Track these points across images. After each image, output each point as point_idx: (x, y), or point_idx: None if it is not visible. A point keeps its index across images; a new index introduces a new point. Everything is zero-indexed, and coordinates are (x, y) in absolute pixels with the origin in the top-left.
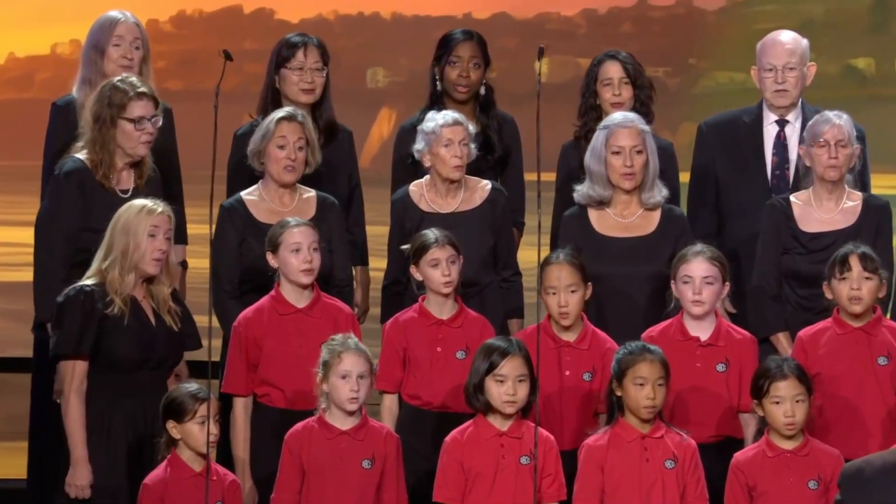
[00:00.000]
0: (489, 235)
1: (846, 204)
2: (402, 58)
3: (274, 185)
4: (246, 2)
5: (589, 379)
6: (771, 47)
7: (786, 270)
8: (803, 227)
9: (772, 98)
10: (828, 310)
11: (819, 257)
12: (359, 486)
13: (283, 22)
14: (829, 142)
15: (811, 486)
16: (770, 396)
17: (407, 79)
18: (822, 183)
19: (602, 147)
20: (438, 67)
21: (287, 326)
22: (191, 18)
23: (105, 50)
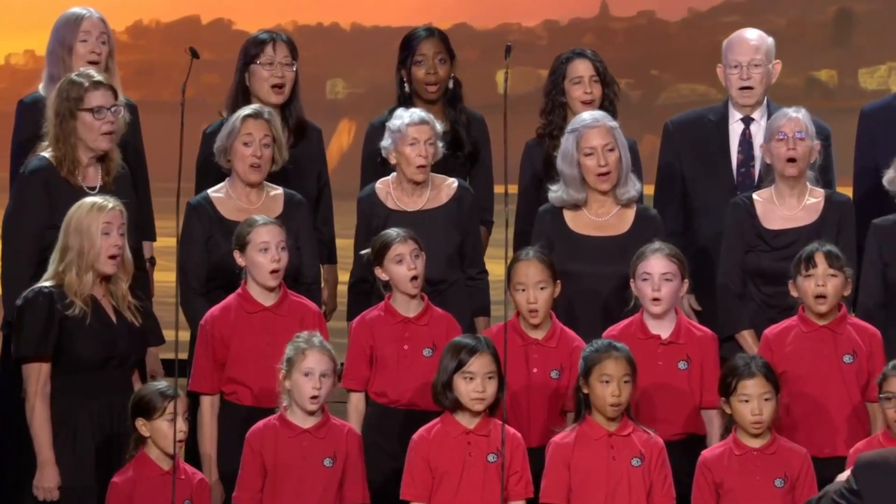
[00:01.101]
0: (456, 233)
1: (808, 201)
2: (361, 69)
3: (241, 182)
4: (203, 12)
5: (556, 376)
6: (737, 44)
7: (750, 268)
8: (766, 224)
9: (737, 96)
10: (792, 307)
11: (783, 254)
12: (321, 485)
13: (240, 32)
14: (787, 134)
15: (777, 485)
16: (738, 394)
17: (367, 90)
18: (784, 180)
19: (573, 149)
20: (405, 70)
21: (254, 325)
22: (148, 28)
23: (72, 46)
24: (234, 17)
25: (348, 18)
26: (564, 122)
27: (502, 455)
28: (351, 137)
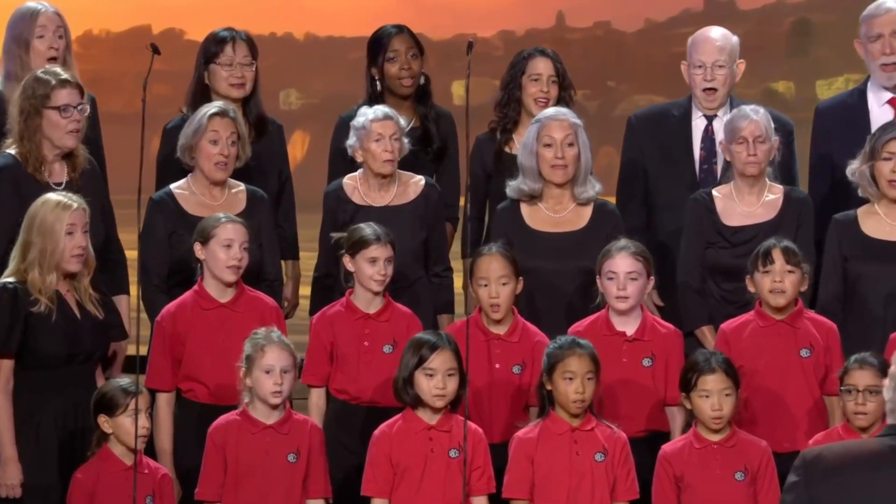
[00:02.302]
0: (421, 230)
1: (767, 197)
2: (315, 79)
3: (204, 179)
4: (154, 22)
5: (519, 372)
6: (701, 44)
7: (709, 264)
8: (726, 220)
9: (701, 97)
10: (751, 303)
11: (742, 251)
12: (285, 480)
13: (192, 42)
14: (747, 138)
15: (738, 478)
16: (698, 390)
17: (321, 100)
18: (744, 178)
19: (534, 140)
20: (376, 67)
21: (210, 321)
22: (98, 38)
23: (30, 42)
24: (185, 27)
25: (302, 28)
26: (518, 118)
27: (464, 451)
28: (305, 148)
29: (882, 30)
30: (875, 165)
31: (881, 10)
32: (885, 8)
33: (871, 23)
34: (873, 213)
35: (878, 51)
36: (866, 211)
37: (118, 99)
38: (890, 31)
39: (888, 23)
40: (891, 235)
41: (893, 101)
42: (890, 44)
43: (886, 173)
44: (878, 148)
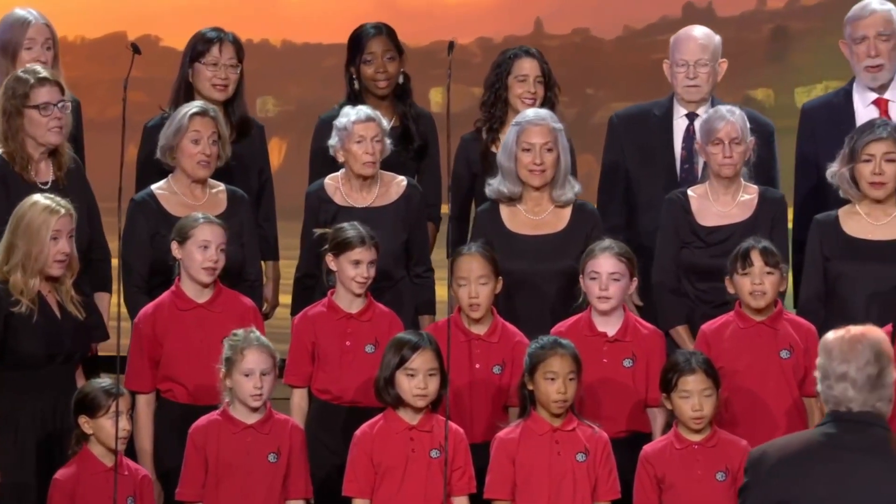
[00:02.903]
0: (403, 231)
1: (743, 197)
2: (292, 86)
3: (185, 179)
4: (130, 28)
5: (499, 372)
6: (684, 42)
7: (685, 264)
8: (701, 220)
9: (683, 93)
10: (727, 303)
11: (717, 251)
12: (265, 480)
13: (168, 49)
14: (723, 140)
15: (719, 478)
16: (678, 390)
17: (297, 108)
18: (719, 178)
19: (513, 143)
20: (354, 67)
21: (188, 322)
22: (73, 45)
23: (17, 53)
24: (161, 34)
25: (279, 35)
26: (504, 118)
27: (445, 451)
28: (282, 155)
29: (866, 31)
30: (855, 167)
31: (866, 11)
32: (869, 10)
33: (856, 24)
34: (854, 213)
35: (862, 52)
36: (847, 211)
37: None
38: (874, 33)
39: (872, 24)
40: (872, 235)
41: (879, 101)
42: (874, 46)
43: (867, 175)
44: (858, 150)
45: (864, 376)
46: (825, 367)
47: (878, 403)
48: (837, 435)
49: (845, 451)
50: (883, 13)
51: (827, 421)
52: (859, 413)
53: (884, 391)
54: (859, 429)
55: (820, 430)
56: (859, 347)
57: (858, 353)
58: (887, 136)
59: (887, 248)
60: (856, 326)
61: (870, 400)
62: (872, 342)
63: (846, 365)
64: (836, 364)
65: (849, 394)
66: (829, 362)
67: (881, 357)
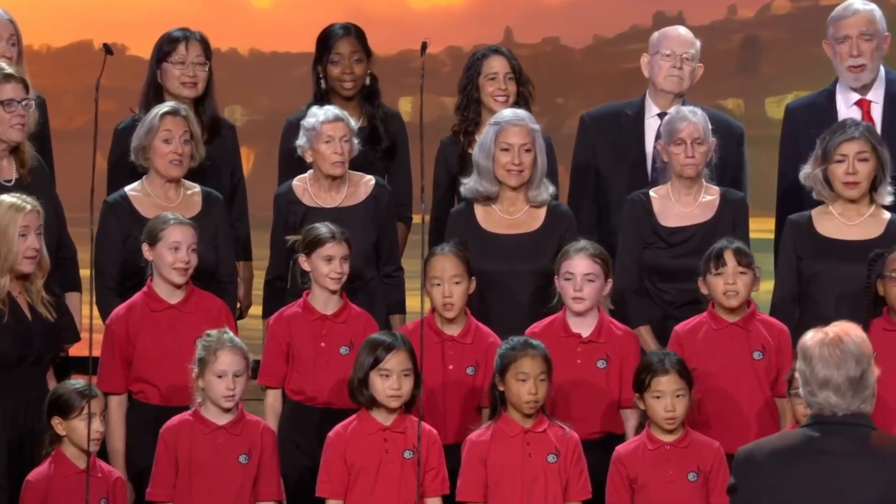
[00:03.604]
0: (373, 231)
1: (704, 198)
2: (260, 95)
3: (159, 180)
4: (96, 38)
5: (472, 373)
6: (673, 35)
7: (647, 265)
8: (663, 221)
9: (665, 83)
10: (690, 304)
11: (679, 251)
12: (236, 481)
13: (134, 58)
14: (685, 140)
15: (691, 478)
16: (651, 391)
17: (266, 117)
18: (681, 179)
19: (491, 143)
20: (321, 66)
21: (160, 323)
22: (38, 54)
23: None
24: (127, 42)
25: (247, 44)
26: (479, 119)
27: (418, 452)
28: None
29: (849, 31)
30: (828, 168)
31: (848, 11)
32: (852, 10)
33: (839, 24)
34: (827, 214)
35: (845, 52)
36: (821, 211)
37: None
38: (857, 33)
39: (855, 24)
40: (845, 235)
41: (861, 102)
42: (857, 45)
43: (841, 175)
44: (831, 151)
45: (847, 381)
46: (806, 373)
47: (863, 405)
48: (821, 438)
49: (830, 455)
50: (866, 13)
51: (810, 423)
52: (843, 416)
53: (867, 392)
54: (844, 431)
55: (804, 432)
56: (839, 353)
57: (839, 358)
58: (859, 135)
59: (860, 248)
60: (832, 327)
61: (853, 404)
62: (853, 344)
63: (828, 371)
64: (819, 370)
65: (832, 400)
66: (810, 368)
67: (862, 359)
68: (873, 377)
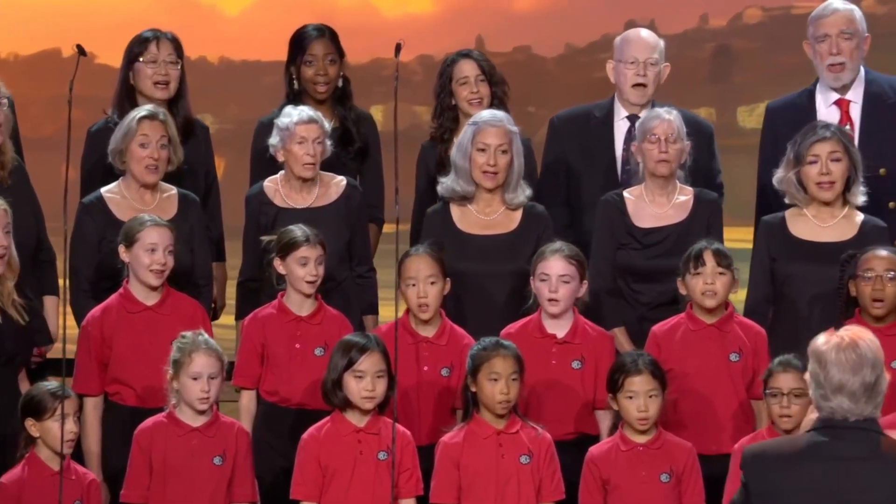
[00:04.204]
0: (345, 231)
1: (678, 199)
2: (230, 104)
3: (135, 182)
4: (65, 45)
5: (447, 374)
6: (635, 41)
7: (621, 265)
8: (637, 222)
9: (630, 92)
10: (664, 304)
11: (653, 252)
12: (210, 483)
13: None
14: (659, 137)
15: (663, 480)
16: (624, 391)
17: (235, 126)
18: (654, 179)
19: (468, 142)
20: (294, 67)
21: (136, 324)
22: (6, 62)
23: None
24: (96, 51)
25: (216, 53)
26: (455, 124)
27: (393, 453)
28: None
29: (828, 30)
30: (801, 170)
31: (828, 10)
32: (831, 9)
33: (818, 24)
34: (801, 215)
35: (825, 51)
36: (794, 213)
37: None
38: (836, 32)
39: (834, 24)
40: (818, 236)
41: (840, 101)
42: (836, 44)
43: (814, 176)
44: (803, 153)
45: (862, 387)
46: (819, 377)
47: (875, 411)
48: (832, 443)
49: (842, 460)
50: (845, 12)
51: (820, 427)
52: (855, 422)
53: (879, 398)
54: (855, 436)
55: (813, 436)
56: (856, 357)
57: (856, 363)
58: (831, 135)
59: (833, 249)
60: (845, 331)
61: (866, 409)
62: (869, 350)
63: (844, 375)
64: (834, 374)
65: (845, 406)
66: (825, 372)
67: (878, 364)
68: (886, 383)
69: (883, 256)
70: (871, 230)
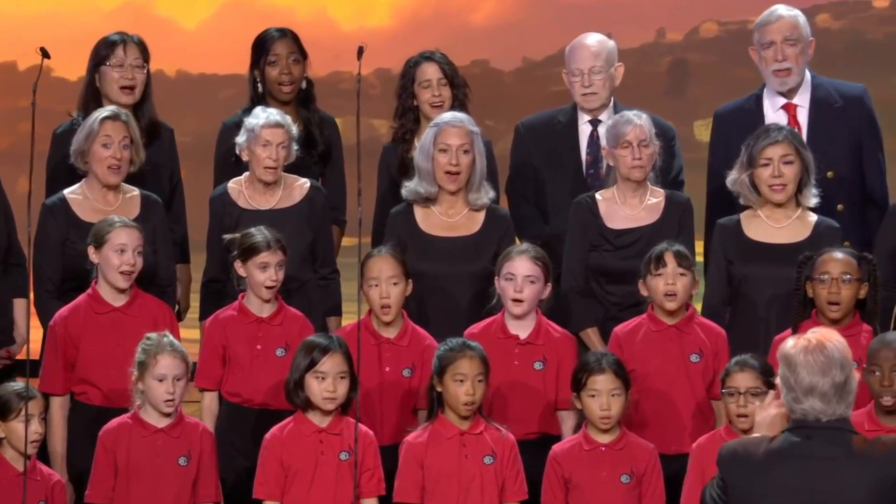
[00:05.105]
0: (308, 233)
1: (650, 201)
2: (187, 117)
3: (98, 183)
4: (21, 59)
5: (409, 375)
6: (577, 51)
7: (594, 267)
8: (609, 224)
9: (581, 101)
10: (637, 305)
11: (626, 253)
12: (176, 483)
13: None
14: (631, 143)
15: (623, 480)
16: (587, 390)
17: (193, 139)
18: (626, 182)
19: (430, 145)
20: (258, 70)
21: (104, 325)
22: None
23: None
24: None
25: (174, 66)
26: (416, 125)
27: (355, 453)
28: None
29: (774, 37)
30: (754, 172)
31: (773, 17)
32: (776, 15)
33: (764, 30)
34: (755, 217)
35: (770, 57)
36: (749, 215)
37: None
38: (781, 38)
39: (779, 30)
40: (773, 238)
41: (788, 106)
42: (782, 50)
43: (766, 178)
44: (756, 155)
45: (832, 388)
46: (789, 380)
47: (847, 410)
48: (806, 443)
49: (816, 460)
50: (790, 18)
51: (793, 428)
52: (827, 422)
53: (850, 397)
54: (828, 436)
55: (788, 437)
56: (824, 359)
57: (824, 365)
58: (783, 138)
59: (788, 251)
60: (812, 333)
61: (838, 409)
62: (836, 351)
63: (814, 377)
64: (804, 377)
65: (817, 407)
66: (795, 375)
67: (846, 364)
68: (855, 382)
69: (838, 259)
70: (824, 231)
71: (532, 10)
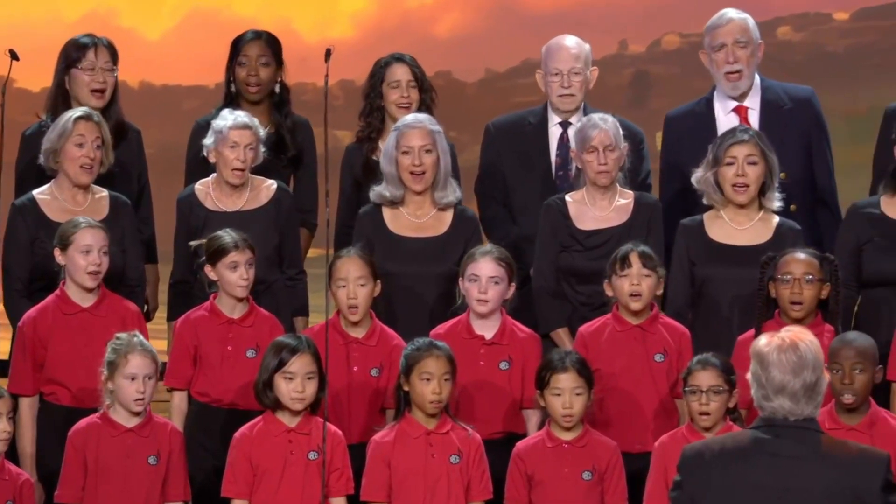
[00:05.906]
0: (275, 234)
1: (619, 202)
2: (151, 128)
3: (68, 183)
4: None
5: (377, 375)
6: (557, 52)
7: (564, 268)
8: (579, 225)
9: (558, 102)
10: (606, 305)
11: (595, 254)
12: (145, 483)
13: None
14: (597, 148)
15: (585, 477)
16: (550, 388)
17: (156, 150)
18: (595, 185)
19: (393, 148)
20: (231, 70)
21: (72, 325)
22: None
23: None
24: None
25: (136, 77)
26: (382, 126)
27: (323, 452)
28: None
29: (724, 39)
30: (719, 171)
31: (723, 20)
32: (726, 18)
33: (714, 33)
34: (718, 218)
35: (721, 60)
36: (712, 216)
37: None
38: (732, 41)
39: (730, 32)
40: (735, 240)
41: (739, 108)
42: (733, 52)
43: (730, 178)
44: (721, 154)
45: (802, 388)
46: (760, 378)
47: (815, 411)
48: (773, 441)
49: (782, 458)
50: (739, 21)
51: (760, 426)
52: (794, 421)
53: (818, 398)
54: (796, 434)
55: (754, 433)
56: (796, 359)
57: (796, 364)
58: (749, 139)
59: (751, 252)
60: (786, 332)
61: (806, 410)
62: (809, 351)
63: (785, 377)
64: (775, 375)
65: (786, 406)
66: (766, 374)
67: (817, 365)
68: (825, 383)
69: (801, 260)
70: (786, 232)
71: (495, 21)
